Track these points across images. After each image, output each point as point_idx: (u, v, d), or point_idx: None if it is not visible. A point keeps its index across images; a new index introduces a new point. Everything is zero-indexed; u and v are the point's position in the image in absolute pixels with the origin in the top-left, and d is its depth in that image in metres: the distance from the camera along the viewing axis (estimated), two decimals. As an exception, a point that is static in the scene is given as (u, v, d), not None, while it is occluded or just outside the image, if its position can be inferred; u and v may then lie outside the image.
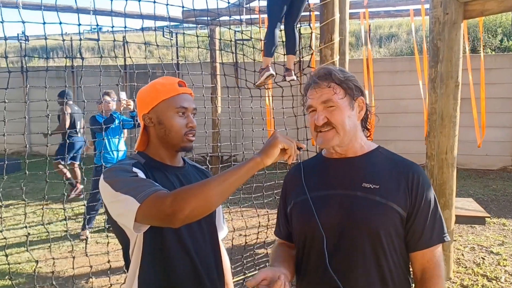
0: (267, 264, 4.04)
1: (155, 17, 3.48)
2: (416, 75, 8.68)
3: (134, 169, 1.36)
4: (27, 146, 2.71)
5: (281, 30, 3.94)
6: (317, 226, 1.29)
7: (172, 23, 5.82)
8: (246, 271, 3.88)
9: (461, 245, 4.67)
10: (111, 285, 3.47)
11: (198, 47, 3.69)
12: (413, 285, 1.35)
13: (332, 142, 1.34)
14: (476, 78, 7.13)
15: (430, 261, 1.29)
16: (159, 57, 3.84)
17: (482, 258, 4.29)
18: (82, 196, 5.89)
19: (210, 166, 3.48)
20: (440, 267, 1.29)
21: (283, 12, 3.79)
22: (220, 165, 4.52)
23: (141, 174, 1.35)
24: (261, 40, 4.30)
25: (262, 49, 3.88)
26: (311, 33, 4.16)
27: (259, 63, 4.61)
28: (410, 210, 1.28)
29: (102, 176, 1.36)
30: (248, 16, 6.16)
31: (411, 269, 1.36)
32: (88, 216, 4.96)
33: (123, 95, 4.73)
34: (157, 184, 1.30)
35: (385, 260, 1.27)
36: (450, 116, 3.47)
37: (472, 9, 3.19)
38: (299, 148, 1.31)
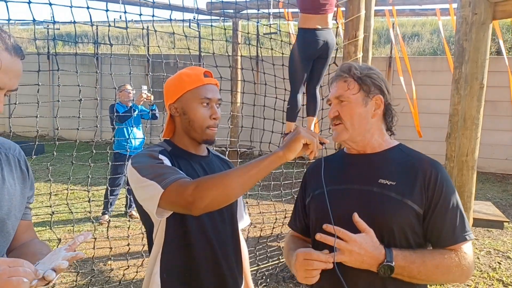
0: (280, 257, 4.08)
1: (183, 8, 3.52)
2: (437, 76, 8.58)
3: (161, 156, 1.40)
4: (59, 128, 2.80)
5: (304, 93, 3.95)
6: (333, 219, 1.30)
7: (194, 15, 5.83)
8: (259, 263, 3.93)
9: (477, 248, 4.63)
10: (128, 266, 3.55)
11: (226, 40, 3.72)
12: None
13: (341, 136, 1.38)
14: (503, 81, 7.02)
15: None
16: (185, 48, 3.88)
17: (498, 262, 4.25)
18: None
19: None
20: (461, 259, 1.24)
21: (305, 77, 3.80)
22: (238, 160, 4.56)
23: (167, 161, 1.39)
24: (288, 33, 4.26)
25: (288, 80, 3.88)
26: (337, 28, 4.15)
27: (279, 57, 4.62)
28: (427, 207, 1.28)
29: (130, 161, 1.41)
30: (276, 10, 6.13)
31: None
32: (109, 200, 5.08)
33: (144, 88, 4.80)
34: (181, 172, 1.34)
35: None
36: (473, 118, 3.42)
37: (502, 10, 3.13)
38: (321, 143, 1.32)
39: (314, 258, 1.20)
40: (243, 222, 1.75)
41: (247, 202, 4.37)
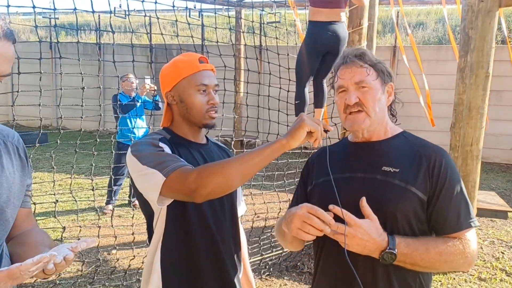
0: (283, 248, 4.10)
1: (186, -4, 3.47)
2: (442, 65, 8.50)
3: (161, 144, 1.39)
4: (62, 117, 2.80)
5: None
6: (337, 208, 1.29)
7: (195, 4, 5.78)
8: (263, 253, 3.94)
9: (480, 238, 4.63)
10: (134, 256, 3.57)
11: (230, 29, 3.68)
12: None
13: (363, 124, 1.33)
14: (508, 70, 6.96)
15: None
16: (188, 36, 3.86)
17: (501, 252, 4.25)
18: None
19: (234, 151, 3.53)
20: (465, 247, 1.24)
21: (313, 73, 3.73)
22: (242, 150, 4.56)
23: (167, 149, 1.39)
24: (293, 20, 4.18)
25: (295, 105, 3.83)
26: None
27: (284, 46, 4.59)
28: (431, 194, 1.27)
29: (129, 149, 1.40)
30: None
31: None
32: (113, 189, 5.10)
33: (148, 80, 4.79)
34: (182, 159, 1.34)
35: None
36: (478, 108, 3.40)
37: (509, -3, 3.10)
38: (325, 131, 1.31)
39: (318, 214, 1.18)
40: (240, 208, 1.74)
41: (251, 193, 4.38)
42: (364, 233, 1.18)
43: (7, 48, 1.02)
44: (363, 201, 1.22)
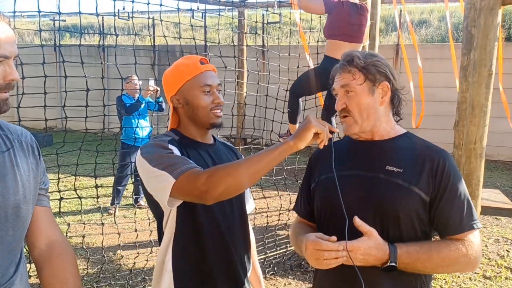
0: (288, 245, 4.11)
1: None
2: (445, 63, 8.47)
3: (170, 146, 1.41)
4: (67, 117, 2.82)
5: None
6: (338, 205, 1.31)
7: (198, 5, 5.80)
8: (267, 251, 3.95)
9: (485, 236, 4.62)
10: (138, 254, 3.59)
11: (232, 30, 3.69)
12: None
13: (351, 129, 1.38)
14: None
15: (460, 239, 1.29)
16: (190, 38, 3.88)
17: (506, 250, 4.24)
18: None
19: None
20: (468, 249, 1.25)
21: (311, 95, 3.76)
22: (242, 147, 4.57)
23: (176, 151, 1.41)
24: (295, 20, 4.18)
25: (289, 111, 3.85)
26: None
27: (286, 46, 4.59)
28: (433, 195, 1.28)
29: (139, 151, 1.43)
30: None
31: None
32: (118, 189, 5.13)
33: (151, 82, 4.81)
34: (191, 161, 1.36)
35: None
36: (481, 105, 3.40)
37: (511, -5, 3.09)
38: (331, 132, 1.33)
39: (324, 248, 1.20)
40: (248, 205, 1.76)
41: (250, 189, 4.39)
42: (364, 253, 1.20)
43: (9, 29, 1.05)
44: (357, 220, 1.22)
